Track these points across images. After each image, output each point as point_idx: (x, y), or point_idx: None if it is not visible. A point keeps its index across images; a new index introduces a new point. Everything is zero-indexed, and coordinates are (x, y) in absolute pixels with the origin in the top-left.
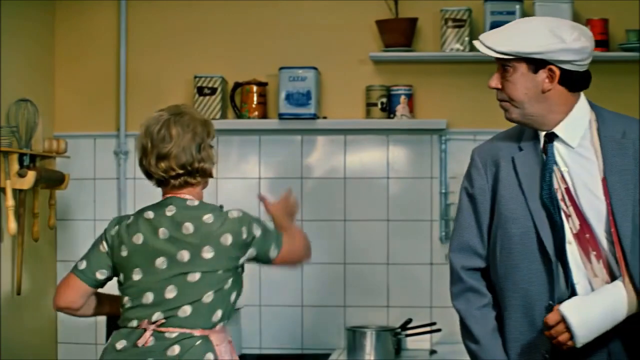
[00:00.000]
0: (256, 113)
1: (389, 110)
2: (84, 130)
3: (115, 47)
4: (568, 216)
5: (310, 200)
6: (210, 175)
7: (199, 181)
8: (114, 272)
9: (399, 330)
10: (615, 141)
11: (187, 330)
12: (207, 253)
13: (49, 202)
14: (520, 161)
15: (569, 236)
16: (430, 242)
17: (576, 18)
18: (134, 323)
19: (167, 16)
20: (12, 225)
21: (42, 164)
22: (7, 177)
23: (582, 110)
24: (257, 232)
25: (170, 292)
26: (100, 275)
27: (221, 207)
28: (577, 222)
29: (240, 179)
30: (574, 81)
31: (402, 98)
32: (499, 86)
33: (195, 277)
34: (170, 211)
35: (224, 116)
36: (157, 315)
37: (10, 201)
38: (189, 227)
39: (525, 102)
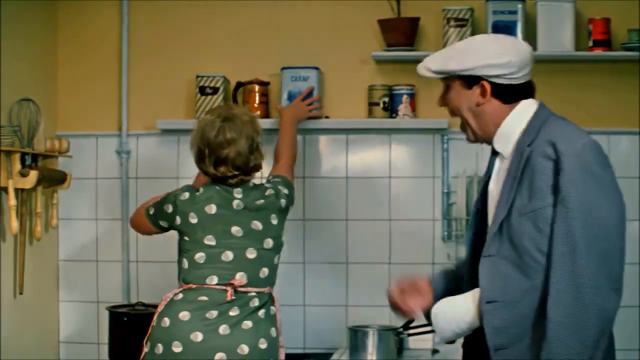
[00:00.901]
0: (258, 112)
1: (391, 110)
2: (86, 129)
3: (117, 46)
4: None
5: (312, 199)
6: (261, 168)
7: (253, 176)
8: (178, 231)
9: (401, 329)
10: (520, 150)
11: (262, 289)
12: (274, 220)
13: (50, 201)
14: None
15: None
16: (432, 241)
17: (578, 17)
18: (214, 280)
19: (169, 16)
20: (14, 224)
21: (44, 163)
22: (9, 176)
23: (515, 120)
24: (284, 189)
25: (251, 254)
26: (163, 224)
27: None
28: (478, 225)
29: None
30: (507, 93)
31: (404, 97)
32: (443, 103)
33: (269, 243)
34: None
35: None
36: (239, 275)
37: (12, 200)
38: (257, 201)
39: (467, 117)
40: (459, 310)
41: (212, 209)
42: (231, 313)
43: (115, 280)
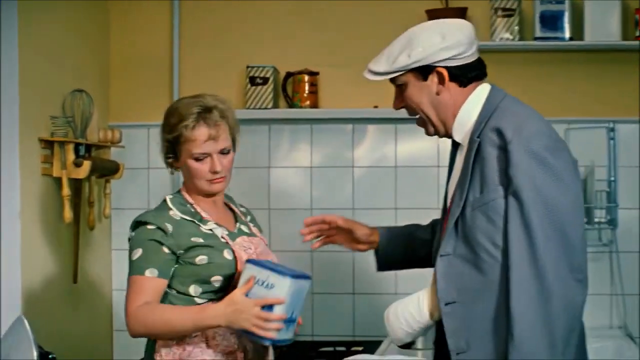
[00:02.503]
0: (308, 102)
1: None
2: (138, 120)
3: (168, 37)
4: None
5: (360, 188)
6: None
7: None
8: None
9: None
10: (471, 141)
11: None
12: None
13: (103, 191)
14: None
15: None
16: None
17: (625, 7)
18: None
19: (220, 7)
20: (68, 214)
21: (97, 153)
22: (63, 166)
23: (470, 107)
24: None
25: None
26: None
27: None
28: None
29: (292, 167)
30: (463, 74)
31: None
32: (400, 105)
33: None
34: None
35: (275, 105)
36: None
37: (66, 190)
38: None
39: (427, 111)
40: (411, 310)
41: None
42: None
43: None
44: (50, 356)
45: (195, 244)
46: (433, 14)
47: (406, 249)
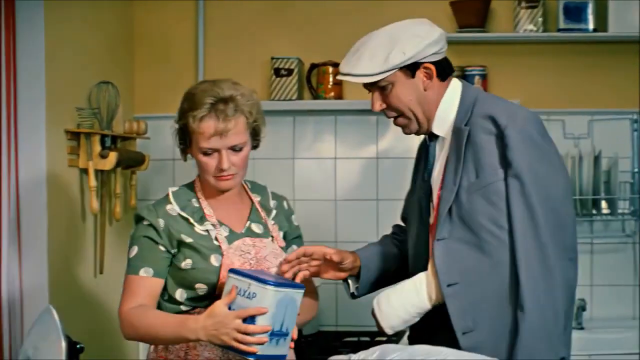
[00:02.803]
0: (332, 94)
1: None
2: (163, 111)
3: (193, 29)
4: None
5: (384, 180)
6: None
7: None
8: None
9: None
10: (457, 130)
11: None
12: None
13: (129, 182)
14: (421, 157)
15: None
16: None
17: None
18: None
19: None
20: (94, 205)
21: (123, 145)
22: (90, 158)
23: (449, 100)
24: None
25: None
26: None
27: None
28: (433, 215)
29: (316, 159)
30: (443, 69)
31: (477, 79)
32: (384, 106)
33: None
34: None
35: (300, 97)
36: None
37: (92, 182)
38: None
39: (414, 109)
40: (407, 295)
41: None
42: None
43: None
44: (78, 346)
45: (184, 243)
46: (458, 7)
47: (382, 268)
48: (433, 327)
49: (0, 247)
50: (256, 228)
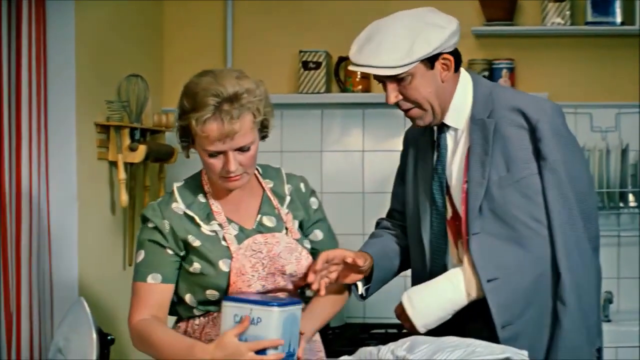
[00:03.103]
0: (360, 87)
1: None
2: None
3: (222, 21)
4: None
5: None
6: None
7: None
8: None
9: None
10: (480, 122)
11: None
12: None
13: (158, 175)
14: (421, 148)
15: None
16: None
17: None
18: None
19: None
20: (123, 198)
21: (152, 138)
22: (119, 151)
23: (463, 90)
24: None
25: None
26: None
27: None
28: (450, 209)
29: (343, 151)
30: (458, 60)
31: (504, 72)
32: (400, 98)
33: None
34: None
35: (328, 90)
36: None
37: (122, 174)
38: None
39: (432, 101)
40: (443, 292)
41: None
42: None
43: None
44: (108, 337)
45: (191, 246)
46: (486, 0)
47: (389, 266)
48: (461, 318)
49: (30, 240)
50: (268, 221)
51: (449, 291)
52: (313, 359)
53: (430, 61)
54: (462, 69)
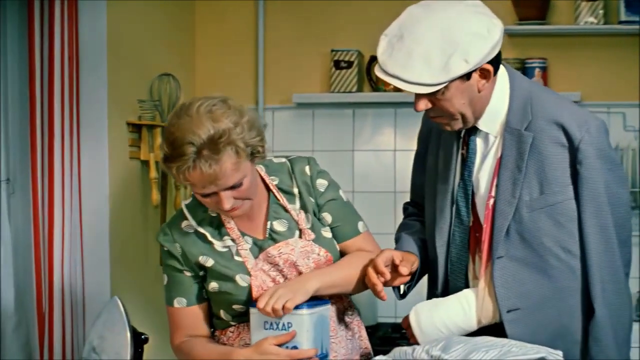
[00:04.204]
0: (392, 86)
1: None
2: None
3: (253, 22)
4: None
5: None
6: None
7: None
8: None
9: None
10: (516, 133)
11: None
12: None
13: None
14: (444, 140)
15: None
16: None
17: None
18: None
19: None
20: (155, 196)
21: None
22: (151, 150)
23: (499, 94)
24: None
25: None
26: None
27: None
28: (471, 219)
29: (375, 151)
30: (498, 64)
31: (537, 71)
32: (429, 106)
33: None
34: None
35: (360, 89)
36: None
37: (153, 173)
38: None
39: (464, 111)
40: (453, 315)
41: None
42: None
43: None
44: (142, 336)
45: (205, 267)
46: (519, 0)
47: (424, 260)
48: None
49: (63, 239)
50: (279, 226)
51: (459, 315)
52: (355, 359)
53: (467, 74)
54: (500, 68)
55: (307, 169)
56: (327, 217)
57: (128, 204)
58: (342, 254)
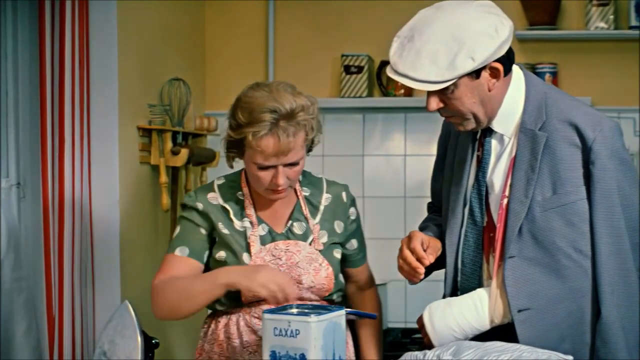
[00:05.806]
0: (402, 91)
1: None
2: None
3: (264, 26)
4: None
5: None
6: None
7: None
8: None
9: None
10: (530, 133)
11: None
12: None
13: (200, 179)
14: (461, 142)
15: None
16: None
17: None
18: None
19: None
20: (165, 201)
21: (194, 141)
22: (161, 154)
23: (514, 94)
24: None
25: None
26: None
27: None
28: (485, 219)
29: (385, 155)
30: (510, 63)
31: (547, 76)
32: (441, 105)
33: None
34: None
35: (370, 94)
36: None
37: (163, 178)
38: None
39: (476, 110)
40: (466, 315)
41: None
42: None
43: None
44: (153, 341)
45: (220, 233)
46: (529, 4)
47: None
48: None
49: (73, 243)
50: (298, 228)
51: (472, 315)
52: None
53: (475, 72)
54: (515, 67)
55: (343, 194)
56: (354, 243)
57: (138, 208)
58: (346, 277)
